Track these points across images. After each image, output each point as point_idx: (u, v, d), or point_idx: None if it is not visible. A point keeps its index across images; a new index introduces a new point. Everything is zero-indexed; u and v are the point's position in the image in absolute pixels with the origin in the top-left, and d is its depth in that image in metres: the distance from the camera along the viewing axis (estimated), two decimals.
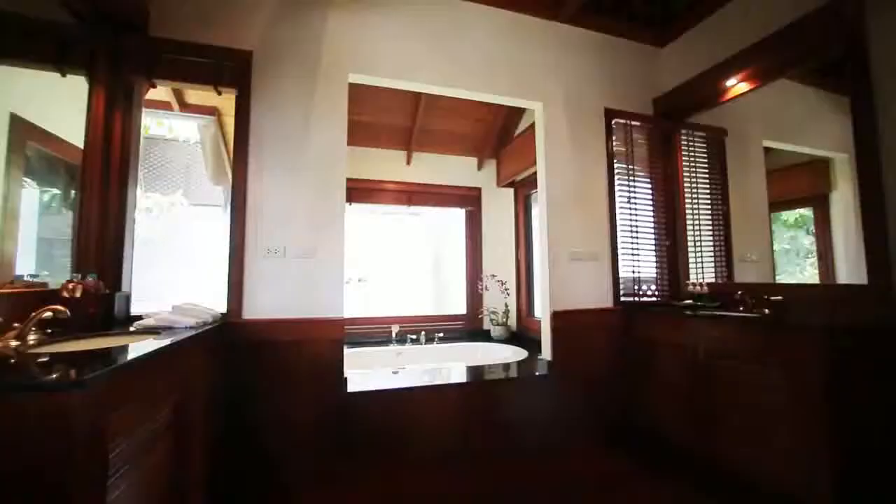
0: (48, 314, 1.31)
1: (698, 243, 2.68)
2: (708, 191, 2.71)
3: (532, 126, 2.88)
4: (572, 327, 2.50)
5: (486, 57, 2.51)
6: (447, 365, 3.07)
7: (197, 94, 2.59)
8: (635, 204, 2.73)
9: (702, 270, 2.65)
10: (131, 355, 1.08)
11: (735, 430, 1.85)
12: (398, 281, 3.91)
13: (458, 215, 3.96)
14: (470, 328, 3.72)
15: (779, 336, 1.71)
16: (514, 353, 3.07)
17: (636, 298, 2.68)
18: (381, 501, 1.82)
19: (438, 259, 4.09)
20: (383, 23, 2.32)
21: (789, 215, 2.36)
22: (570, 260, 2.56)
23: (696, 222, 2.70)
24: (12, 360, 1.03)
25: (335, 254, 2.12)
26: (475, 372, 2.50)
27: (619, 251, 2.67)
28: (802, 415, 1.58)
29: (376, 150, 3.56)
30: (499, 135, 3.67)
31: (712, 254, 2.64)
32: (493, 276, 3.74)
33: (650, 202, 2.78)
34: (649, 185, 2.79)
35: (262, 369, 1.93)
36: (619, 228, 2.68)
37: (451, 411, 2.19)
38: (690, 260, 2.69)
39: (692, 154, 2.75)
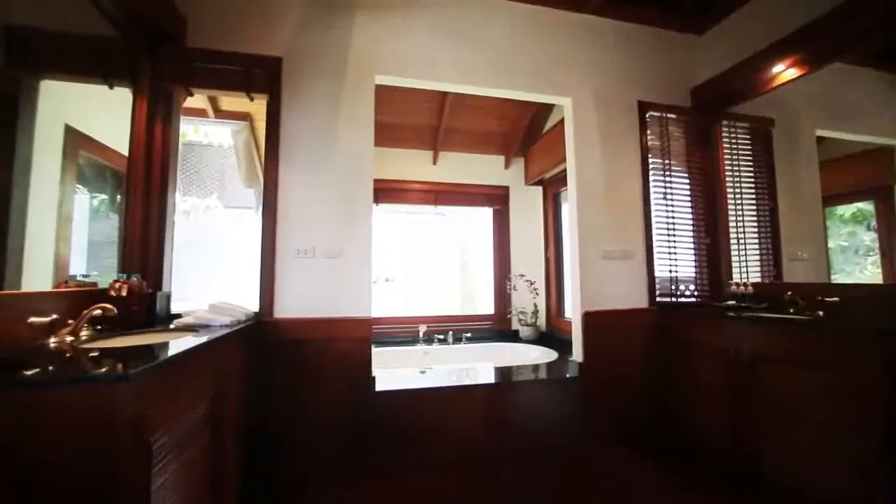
0: (98, 312, 1.39)
1: (742, 241, 2.53)
2: (752, 185, 2.55)
3: (561, 122, 2.80)
4: (604, 328, 2.41)
5: (512, 53, 2.46)
6: (475, 365, 3.05)
7: (230, 101, 2.70)
8: (672, 200, 2.60)
9: (746, 269, 2.49)
10: (171, 352, 1.12)
11: (781, 439, 1.72)
12: (425, 281, 3.91)
13: (485, 214, 3.92)
14: (498, 328, 3.67)
15: (835, 340, 1.57)
16: (543, 354, 3.01)
17: (673, 299, 2.55)
18: (406, 500, 1.81)
19: (465, 259, 4.07)
20: (408, 24, 2.32)
21: (846, 209, 2.18)
22: (601, 259, 2.48)
23: (740, 219, 2.54)
24: (68, 355, 1.10)
25: (363, 254, 2.14)
26: (503, 373, 2.46)
27: (655, 250, 2.56)
28: (860, 426, 1.45)
29: (402, 150, 3.58)
30: (526, 132, 3.60)
31: (757, 252, 2.48)
32: (522, 275, 3.67)
33: (688, 198, 2.64)
34: (687, 181, 2.65)
35: (292, 366, 1.98)
36: (654, 226, 2.57)
37: (478, 412, 2.16)
38: (733, 258, 2.54)
39: (735, 146, 2.59)
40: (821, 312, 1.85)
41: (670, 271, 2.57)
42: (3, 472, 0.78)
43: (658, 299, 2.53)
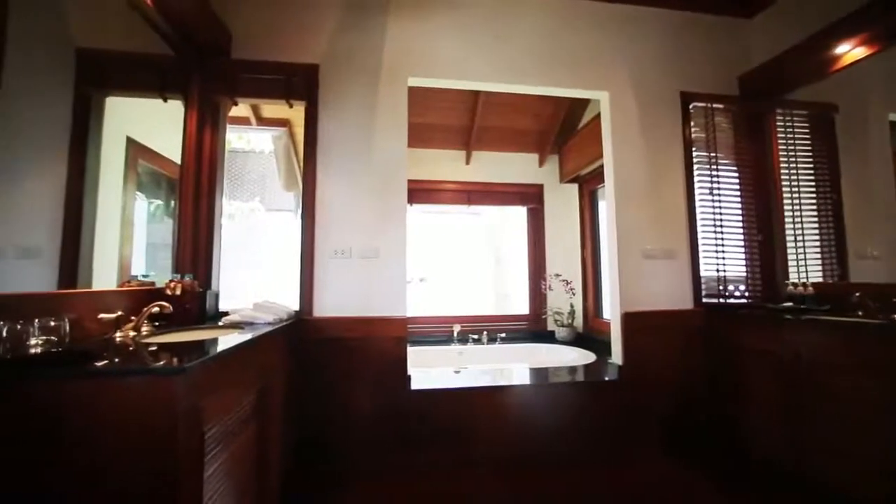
0: (156, 309, 1.50)
1: (799, 238, 2.34)
2: (812, 177, 2.35)
3: (597, 118, 2.71)
4: (645, 330, 2.31)
5: (545, 49, 2.41)
6: (509, 366, 3.01)
7: (271, 108, 2.82)
8: (719, 195, 2.45)
9: (805, 269, 2.30)
10: (220, 347, 1.19)
11: (846, 455, 1.58)
12: (459, 281, 3.92)
13: (519, 213, 3.87)
14: (533, 329, 3.61)
15: None
16: (580, 356, 2.92)
17: (721, 300, 2.40)
18: (438, 500, 1.82)
19: (499, 258, 4.03)
20: (440, 25, 2.33)
21: None
22: (642, 258, 2.38)
23: (797, 214, 2.36)
24: (131, 348, 1.19)
25: (398, 254, 2.17)
26: (539, 374, 2.41)
27: (700, 248, 2.42)
28: None
29: (435, 150, 3.60)
30: (561, 129, 3.52)
31: (818, 249, 2.28)
32: (558, 275, 3.59)
33: (737, 193, 2.48)
34: (736, 174, 2.49)
35: (330, 364, 2.04)
36: (699, 223, 2.43)
37: (513, 413, 2.13)
38: (790, 257, 2.35)
39: (790, 136, 2.41)
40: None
41: (717, 270, 2.42)
42: (79, 448, 0.87)
43: (704, 300, 2.40)
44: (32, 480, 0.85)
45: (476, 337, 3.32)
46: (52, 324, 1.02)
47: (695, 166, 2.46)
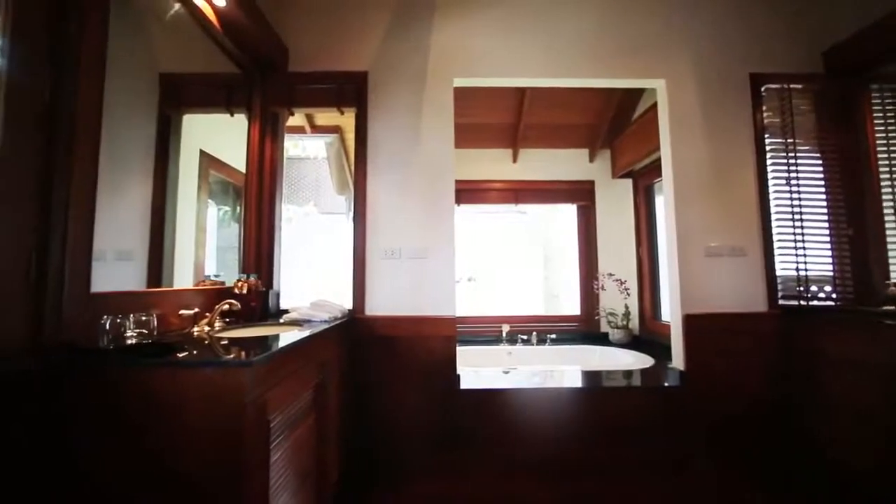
0: (226, 307, 1.64)
1: None
2: None
3: (653, 107, 2.56)
4: (710, 333, 2.14)
5: (596, 39, 2.31)
6: (560, 368, 2.93)
7: (324, 116, 2.97)
8: (798, 186, 2.21)
9: None
10: (282, 343, 1.27)
11: None
12: (508, 280, 3.88)
13: (569, 211, 3.75)
14: (585, 330, 3.48)
15: None
16: (637, 360, 2.78)
17: (801, 302, 2.17)
18: (486, 500, 1.81)
19: (548, 257, 3.94)
20: (485, 23, 2.32)
21: None
22: (705, 256, 2.20)
23: None
24: (206, 342, 1.31)
25: (446, 254, 2.19)
26: (592, 377, 2.32)
27: (776, 244, 2.20)
28: None
29: (482, 150, 3.59)
30: (613, 122, 3.36)
31: None
32: (611, 274, 3.44)
33: (821, 183, 2.22)
34: (819, 162, 2.23)
35: (381, 361, 2.10)
36: (773, 217, 2.21)
37: (564, 417, 2.07)
38: (891, 254, 2.06)
39: (890, 116, 2.11)
40: None
41: (797, 269, 2.18)
42: (164, 425, 0.98)
43: (780, 302, 2.17)
44: (129, 446, 0.98)
45: (525, 337, 3.27)
46: (143, 318, 1.14)
47: (768, 155, 2.24)
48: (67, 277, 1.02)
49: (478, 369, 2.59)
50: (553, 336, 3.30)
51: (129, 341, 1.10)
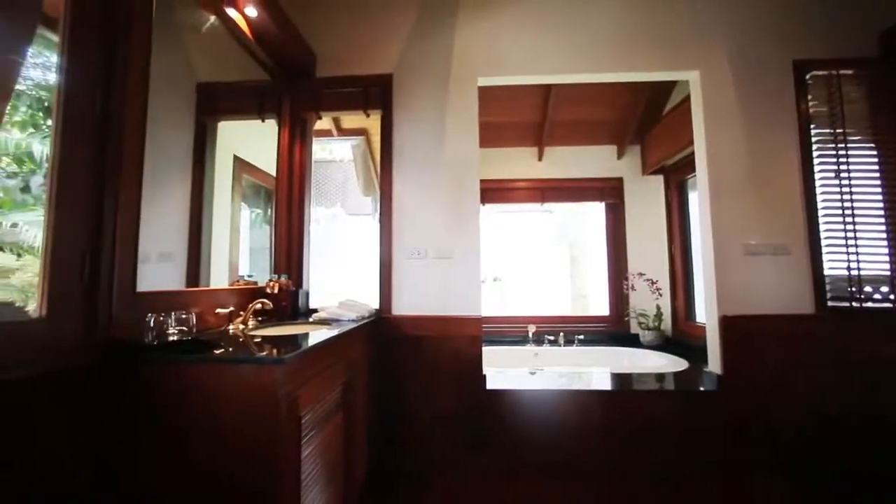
0: (259, 306, 1.70)
1: None
2: None
3: (686, 100, 2.46)
4: (750, 336, 2.04)
5: (624, 32, 2.25)
6: (588, 370, 2.86)
7: (350, 119, 3.02)
8: (848, 179, 2.07)
9: None
10: (312, 342, 1.30)
11: None
12: (534, 280, 3.83)
13: (596, 209, 3.66)
14: (614, 331, 3.39)
15: None
16: (669, 363, 2.68)
17: (854, 303, 2.02)
18: (511, 502, 1.79)
19: (574, 257, 3.86)
20: (509, 20, 2.29)
21: None
22: (744, 255, 2.10)
23: None
24: (240, 339, 1.37)
25: (471, 254, 2.19)
26: (621, 380, 2.26)
27: (823, 242, 2.06)
28: None
29: (506, 149, 3.56)
30: (642, 117, 3.25)
31: None
32: (641, 274, 3.33)
33: (876, 175, 2.07)
34: (874, 153, 2.08)
35: (408, 360, 2.12)
36: (821, 212, 2.08)
37: (592, 420, 2.02)
38: None
39: None
40: None
41: (849, 268, 2.04)
42: (202, 417, 1.03)
43: (830, 303, 2.04)
44: (171, 436, 1.04)
45: (552, 338, 3.21)
46: (184, 316, 1.20)
47: (814, 147, 2.11)
48: (117, 278, 1.09)
49: (504, 370, 2.57)
50: (581, 337, 3.23)
51: (171, 338, 1.16)
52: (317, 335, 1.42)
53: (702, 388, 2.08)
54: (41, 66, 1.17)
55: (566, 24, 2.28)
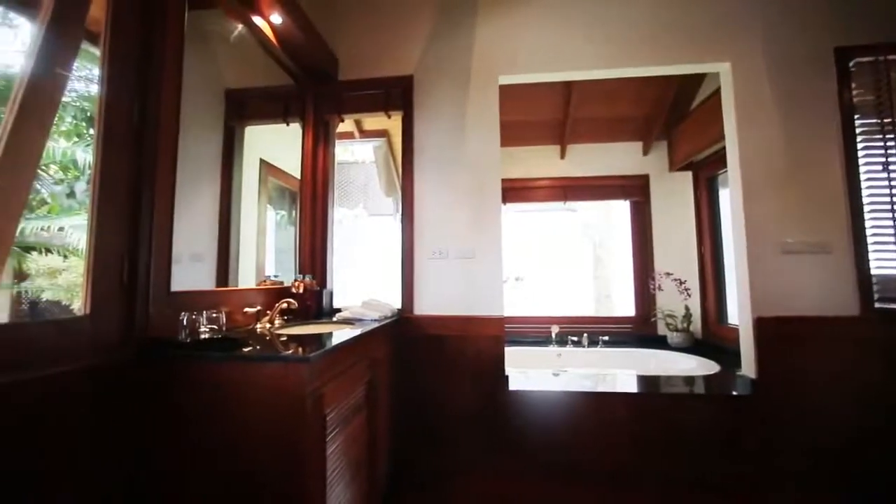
0: (284, 305, 1.74)
1: None
2: None
3: (716, 93, 2.37)
4: (787, 339, 1.94)
5: (648, 23, 2.18)
6: (613, 371, 2.80)
7: (371, 121, 3.06)
8: None
9: None
10: (336, 341, 1.32)
11: None
12: (557, 280, 3.77)
13: (621, 207, 3.57)
14: (640, 333, 3.30)
15: None
16: (699, 366, 2.58)
17: None
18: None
19: (598, 256, 3.78)
20: (530, 16, 2.26)
21: None
22: (780, 253, 2.00)
23: None
24: (267, 338, 1.40)
25: (493, 254, 2.17)
26: (648, 383, 2.20)
27: (870, 239, 1.94)
28: None
29: (528, 148, 3.52)
30: (669, 112, 3.15)
31: None
32: (669, 274, 3.23)
33: None
34: None
35: (430, 360, 2.13)
36: (867, 208, 1.95)
37: (617, 424, 1.97)
38: None
39: None
40: None
41: None
42: (232, 413, 1.07)
43: (878, 305, 1.92)
44: (202, 430, 1.08)
45: (576, 339, 3.16)
46: (214, 315, 1.25)
47: (859, 138, 1.98)
48: (153, 278, 1.14)
49: (526, 370, 2.54)
50: (605, 338, 3.15)
51: (202, 336, 1.21)
52: (340, 334, 1.44)
53: (734, 393, 1.99)
54: (84, 79, 1.24)
55: (588, 19, 2.23)
